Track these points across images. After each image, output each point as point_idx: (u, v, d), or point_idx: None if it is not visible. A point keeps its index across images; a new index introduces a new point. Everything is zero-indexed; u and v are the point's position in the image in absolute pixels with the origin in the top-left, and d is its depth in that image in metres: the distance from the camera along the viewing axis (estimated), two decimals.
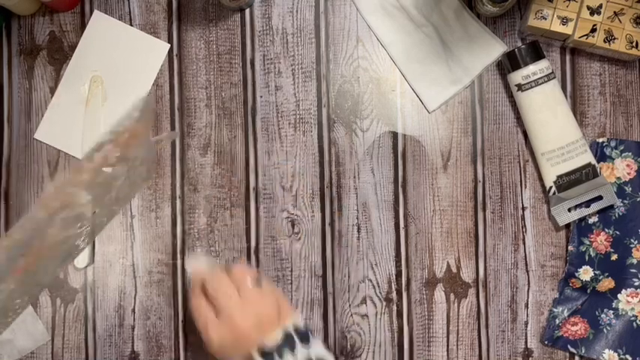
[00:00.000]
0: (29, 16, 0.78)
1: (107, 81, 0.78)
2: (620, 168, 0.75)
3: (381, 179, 0.77)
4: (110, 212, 0.65)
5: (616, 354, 0.73)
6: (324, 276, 0.77)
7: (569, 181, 0.74)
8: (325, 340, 0.77)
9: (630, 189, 0.75)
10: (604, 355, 0.74)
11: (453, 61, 0.77)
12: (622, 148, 0.75)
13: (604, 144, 0.75)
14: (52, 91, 0.78)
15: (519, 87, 0.74)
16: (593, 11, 0.74)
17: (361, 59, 0.78)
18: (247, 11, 0.78)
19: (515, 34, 0.78)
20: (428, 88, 0.77)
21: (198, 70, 0.78)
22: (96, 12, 0.78)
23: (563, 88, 0.77)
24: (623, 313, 0.74)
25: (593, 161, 0.74)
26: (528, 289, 0.77)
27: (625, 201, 0.75)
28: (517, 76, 0.74)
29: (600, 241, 0.75)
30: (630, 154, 0.75)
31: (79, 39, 0.78)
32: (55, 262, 0.60)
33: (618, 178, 0.75)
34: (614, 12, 0.74)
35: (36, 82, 0.78)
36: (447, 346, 0.76)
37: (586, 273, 0.75)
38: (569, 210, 0.75)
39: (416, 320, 0.77)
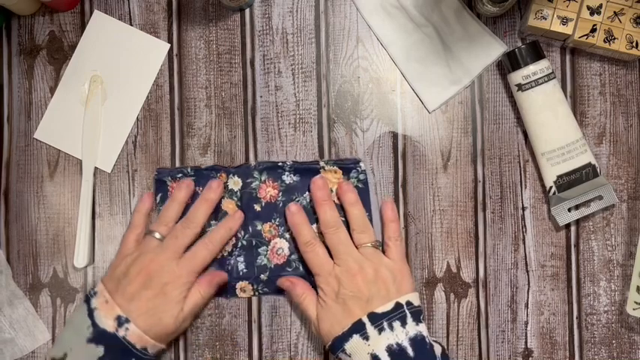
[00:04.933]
0: (29, 15, 0.78)
1: (107, 81, 0.78)
2: None
3: (381, 179, 0.77)
4: None
5: None
6: None
7: (569, 181, 0.74)
8: None
9: None
10: None
11: (453, 61, 0.77)
12: None
13: None
14: (52, 90, 0.78)
15: (519, 87, 0.74)
16: (593, 11, 0.74)
17: (361, 59, 0.78)
18: (247, 11, 0.78)
19: (515, 34, 0.78)
20: (428, 88, 0.77)
21: (198, 69, 0.78)
22: (96, 12, 0.78)
23: (563, 88, 0.77)
24: None
25: (594, 161, 0.74)
26: (528, 289, 0.77)
27: None
28: (517, 76, 0.74)
29: None
30: None
31: (79, 39, 0.78)
32: None
33: None
34: (614, 12, 0.74)
35: (36, 82, 0.78)
36: (447, 345, 0.76)
37: None
38: (569, 210, 0.75)
39: None
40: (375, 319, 0.67)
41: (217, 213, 0.76)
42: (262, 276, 0.76)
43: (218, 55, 0.78)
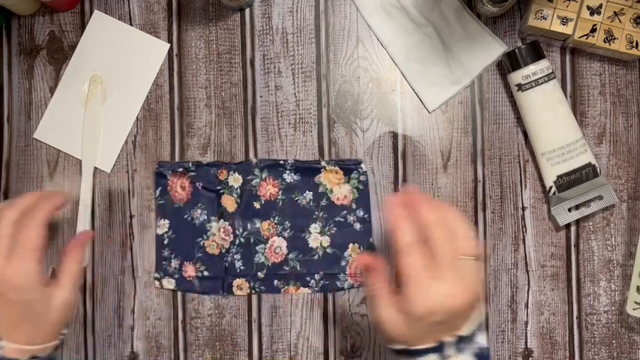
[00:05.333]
0: (29, 15, 0.78)
1: (107, 81, 0.78)
2: None
3: (381, 179, 0.77)
4: None
5: None
6: None
7: (569, 181, 0.74)
8: (325, 340, 0.77)
9: None
10: None
11: (453, 61, 0.77)
12: None
13: None
14: (52, 90, 0.78)
15: (519, 87, 0.74)
16: (593, 11, 0.74)
17: (361, 59, 0.78)
18: (247, 11, 0.78)
19: (515, 34, 0.78)
20: (428, 88, 0.77)
21: (198, 69, 0.78)
22: (96, 12, 0.78)
23: (563, 88, 0.77)
24: None
25: (594, 161, 0.74)
26: (528, 289, 0.77)
27: None
28: (517, 76, 0.74)
29: None
30: None
31: (79, 39, 0.78)
32: None
33: None
34: (614, 12, 0.74)
35: (36, 82, 0.78)
36: None
37: None
38: (570, 210, 0.75)
39: None
40: (459, 342, 0.55)
41: (217, 209, 0.76)
42: (259, 274, 0.76)
43: (218, 54, 0.78)
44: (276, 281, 0.76)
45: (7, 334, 0.58)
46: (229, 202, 0.76)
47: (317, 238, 0.76)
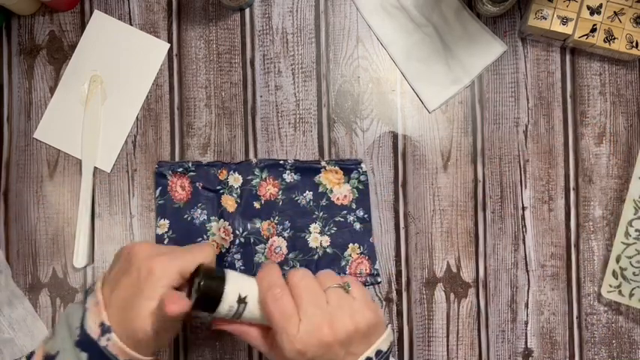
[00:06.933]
0: (29, 15, 0.78)
1: (107, 80, 0.78)
2: None
3: (381, 179, 0.77)
4: None
5: None
6: None
7: None
8: None
9: None
10: None
11: (453, 61, 0.77)
12: None
13: None
14: (52, 90, 0.78)
15: None
16: (593, 11, 0.74)
17: (361, 59, 0.78)
18: (247, 11, 0.78)
19: (515, 34, 0.78)
20: (428, 87, 0.77)
21: (198, 69, 0.78)
22: (96, 12, 0.78)
23: (564, 88, 0.77)
24: None
25: None
26: (528, 289, 0.77)
27: None
28: None
29: None
30: None
31: (79, 39, 0.78)
32: None
33: None
34: (614, 12, 0.74)
35: (36, 82, 0.78)
36: (447, 345, 0.76)
37: None
38: None
39: (416, 320, 0.76)
40: None
41: (217, 209, 0.76)
42: None
43: (218, 54, 0.78)
44: None
45: (112, 316, 0.57)
46: (229, 202, 0.76)
47: (317, 238, 0.76)
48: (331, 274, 0.60)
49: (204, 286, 0.57)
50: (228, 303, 0.57)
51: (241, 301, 0.58)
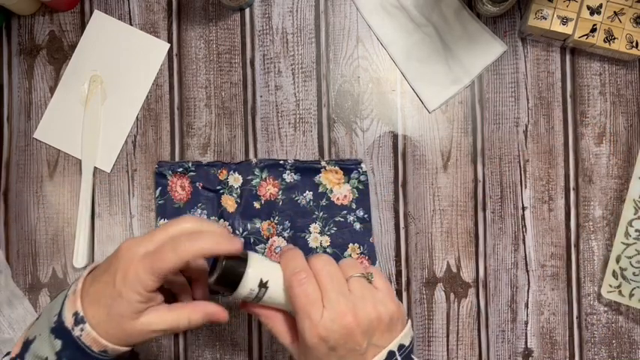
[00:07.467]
0: (29, 15, 0.78)
1: (107, 80, 0.78)
2: None
3: (381, 179, 0.77)
4: None
5: None
6: None
7: None
8: None
9: None
10: None
11: (453, 61, 0.77)
12: None
13: None
14: (52, 90, 0.78)
15: None
16: (593, 11, 0.74)
17: (361, 59, 0.78)
18: (247, 11, 0.78)
19: (515, 34, 0.78)
20: (428, 87, 0.77)
21: (198, 69, 0.78)
22: (96, 12, 0.78)
23: (564, 88, 0.77)
24: None
25: None
26: (528, 289, 0.77)
27: None
28: None
29: None
30: None
31: (79, 39, 0.78)
32: None
33: None
34: (614, 12, 0.74)
35: (36, 82, 0.78)
36: (447, 345, 0.76)
37: None
38: None
39: (416, 320, 0.76)
40: None
41: (217, 209, 0.76)
42: None
43: (218, 54, 0.78)
44: None
45: (87, 308, 0.55)
46: (229, 202, 0.76)
47: (317, 238, 0.76)
48: (355, 263, 0.59)
49: (226, 267, 0.56)
50: (249, 286, 0.57)
51: (262, 285, 0.57)
